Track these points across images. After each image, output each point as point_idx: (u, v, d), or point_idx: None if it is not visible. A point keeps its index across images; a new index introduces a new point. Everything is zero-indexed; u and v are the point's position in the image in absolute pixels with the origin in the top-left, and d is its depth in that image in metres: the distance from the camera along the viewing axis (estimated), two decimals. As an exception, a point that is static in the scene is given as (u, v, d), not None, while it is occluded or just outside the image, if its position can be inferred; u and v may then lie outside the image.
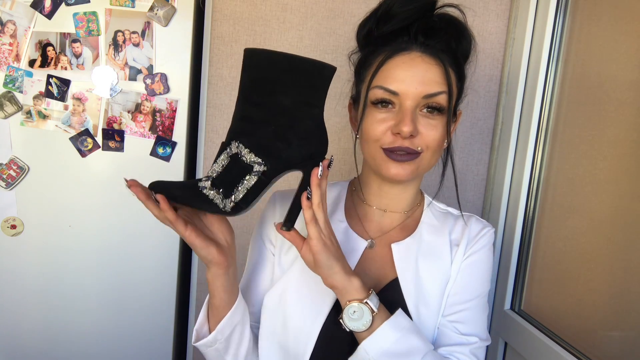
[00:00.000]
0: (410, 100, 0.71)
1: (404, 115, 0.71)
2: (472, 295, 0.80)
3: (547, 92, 1.22)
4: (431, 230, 0.83)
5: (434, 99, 0.72)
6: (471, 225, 0.83)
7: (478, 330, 0.80)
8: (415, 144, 0.72)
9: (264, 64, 0.65)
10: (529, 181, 1.26)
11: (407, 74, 0.72)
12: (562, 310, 1.14)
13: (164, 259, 1.36)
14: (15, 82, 1.26)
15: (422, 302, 0.77)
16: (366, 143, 0.76)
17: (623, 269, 0.97)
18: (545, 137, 1.22)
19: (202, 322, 0.78)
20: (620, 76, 1.01)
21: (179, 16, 1.27)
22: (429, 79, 0.72)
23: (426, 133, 0.72)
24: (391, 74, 0.73)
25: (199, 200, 0.65)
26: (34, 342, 1.36)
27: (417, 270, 0.79)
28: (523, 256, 1.27)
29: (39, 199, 1.31)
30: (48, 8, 1.24)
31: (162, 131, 1.31)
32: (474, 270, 0.80)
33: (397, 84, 0.72)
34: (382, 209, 0.84)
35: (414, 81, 0.71)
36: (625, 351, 0.96)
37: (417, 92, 0.71)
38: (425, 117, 0.73)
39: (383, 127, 0.73)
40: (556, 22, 1.20)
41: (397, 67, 0.73)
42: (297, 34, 1.32)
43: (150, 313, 1.37)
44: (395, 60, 0.73)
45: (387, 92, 0.72)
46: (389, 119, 0.73)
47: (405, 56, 0.73)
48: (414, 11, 0.74)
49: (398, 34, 0.75)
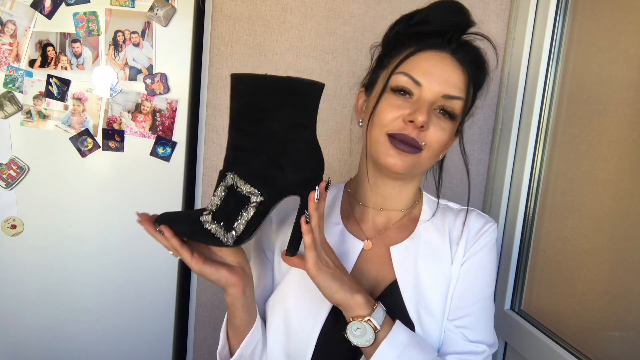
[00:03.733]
0: (431, 95, 0.73)
1: (421, 105, 0.72)
2: (477, 297, 0.78)
3: (547, 92, 1.22)
4: (430, 229, 0.82)
5: (451, 102, 0.73)
6: (471, 221, 0.82)
7: (486, 335, 0.78)
8: (421, 137, 0.73)
9: (250, 90, 0.65)
10: (529, 181, 1.26)
11: (435, 69, 0.73)
12: (562, 310, 1.14)
13: (164, 258, 1.36)
14: (15, 82, 1.26)
15: (423, 306, 0.76)
16: (373, 128, 0.76)
17: (623, 269, 0.97)
18: (545, 137, 1.22)
19: (223, 345, 0.78)
20: (620, 76, 1.01)
21: (179, 16, 1.27)
22: (454, 81, 0.73)
23: (435, 132, 0.73)
24: (420, 64, 0.74)
25: (202, 235, 0.65)
26: (34, 342, 1.35)
27: (416, 273, 0.78)
28: (523, 256, 1.27)
29: (39, 199, 1.31)
30: (48, 8, 1.24)
31: (162, 131, 1.31)
32: (477, 270, 0.79)
33: (423, 76, 0.73)
34: (377, 208, 0.83)
35: (440, 78, 0.73)
36: (625, 351, 0.96)
37: (439, 89, 0.73)
38: (437, 118, 0.74)
39: (396, 113, 0.73)
40: (556, 22, 1.20)
41: (427, 60, 0.74)
42: (297, 34, 1.32)
43: (150, 313, 1.37)
44: (426, 53, 0.74)
45: (410, 80, 0.73)
46: (404, 107, 0.73)
47: (437, 54, 0.74)
48: (452, 24, 0.75)
49: (433, 35, 0.76)
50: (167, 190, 1.33)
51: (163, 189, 1.33)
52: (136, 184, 1.32)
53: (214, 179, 1.36)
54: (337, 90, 1.34)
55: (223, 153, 1.33)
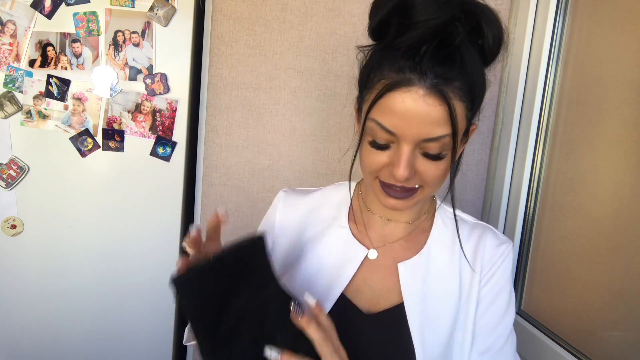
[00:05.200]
0: (407, 144, 0.64)
1: (400, 157, 0.64)
2: (503, 331, 0.75)
3: (547, 92, 1.22)
4: (441, 245, 0.78)
5: (434, 144, 0.64)
6: (487, 242, 0.77)
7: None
8: (411, 183, 0.67)
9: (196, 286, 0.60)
10: (529, 181, 1.26)
11: (405, 115, 0.63)
12: (562, 310, 1.14)
13: (163, 258, 1.36)
14: (15, 82, 1.26)
15: (429, 326, 0.73)
16: (363, 169, 0.72)
17: (623, 269, 0.97)
18: (545, 137, 1.22)
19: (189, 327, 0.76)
20: (620, 76, 1.01)
21: (179, 16, 1.27)
22: (430, 121, 0.63)
23: (426, 172, 0.67)
24: (389, 110, 0.64)
25: None
26: (34, 342, 1.36)
27: (424, 294, 0.75)
28: (523, 256, 1.27)
29: (39, 199, 1.31)
30: (48, 8, 1.24)
31: (162, 131, 1.31)
32: (498, 296, 0.75)
33: (394, 124, 0.64)
34: (386, 218, 0.80)
35: (413, 124, 0.63)
36: (625, 351, 0.96)
37: (416, 135, 0.63)
38: (426, 159, 0.67)
39: (377, 165, 0.68)
40: (556, 22, 1.20)
41: (395, 104, 0.63)
42: (297, 34, 1.32)
43: (150, 313, 1.37)
44: (394, 94, 0.63)
45: (383, 130, 0.65)
46: (385, 156, 0.67)
47: (405, 92, 0.63)
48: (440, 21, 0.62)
49: (407, 55, 0.63)
50: (167, 190, 1.33)
51: (163, 189, 1.33)
52: (136, 184, 1.32)
53: (214, 178, 1.36)
54: (337, 90, 1.34)
55: (223, 153, 1.34)
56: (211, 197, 1.37)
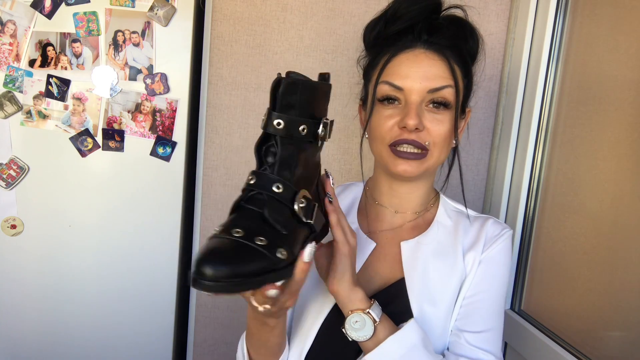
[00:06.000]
0: (415, 95, 0.73)
1: (409, 109, 0.73)
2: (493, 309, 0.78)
3: (547, 92, 1.22)
4: (444, 230, 0.82)
5: (439, 93, 0.73)
6: (488, 227, 0.81)
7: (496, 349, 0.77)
8: (422, 138, 0.73)
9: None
10: (529, 181, 1.26)
11: (411, 70, 0.74)
12: (562, 310, 1.14)
13: (164, 258, 1.36)
14: (15, 82, 1.26)
15: (428, 300, 0.76)
16: (374, 141, 0.78)
17: (623, 269, 0.97)
18: (545, 137, 1.22)
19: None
20: (620, 76, 1.01)
21: (179, 16, 1.27)
22: (433, 74, 0.73)
23: (432, 128, 0.73)
24: (396, 70, 0.75)
25: None
26: (34, 342, 1.36)
27: (425, 268, 0.78)
28: (523, 256, 1.27)
29: (39, 199, 1.31)
30: (48, 8, 1.24)
31: (162, 131, 1.31)
32: (493, 275, 0.78)
33: (402, 80, 0.74)
34: (393, 209, 0.84)
35: (418, 76, 0.73)
36: (625, 351, 0.96)
37: (422, 87, 0.73)
38: (432, 112, 0.74)
39: (390, 122, 0.74)
40: (556, 22, 1.20)
41: (401, 64, 0.75)
42: (297, 34, 1.33)
43: (150, 313, 1.37)
44: (400, 57, 0.75)
45: (392, 88, 0.74)
46: (395, 114, 0.74)
47: (410, 53, 0.75)
48: (419, 11, 0.75)
49: (403, 34, 0.76)
50: (167, 190, 1.33)
51: (163, 189, 1.33)
52: (136, 184, 1.32)
53: (214, 178, 1.36)
54: (337, 90, 1.34)
55: (223, 153, 1.34)
56: (211, 197, 1.37)
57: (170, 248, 1.36)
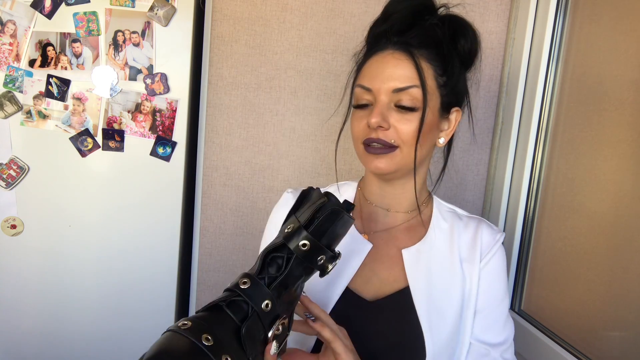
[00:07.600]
0: (382, 95, 0.75)
1: (374, 108, 0.75)
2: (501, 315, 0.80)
3: (547, 92, 1.22)
4: (441, 234, 0.83)
5: (404, 94, 0.74)
6: (482, 233, 0.82)
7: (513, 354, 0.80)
8: (388, 136, 0.74)
9: None
10: (529, 181, 1.26)
11: (377, 70, 0.75)
12: (562, 310, 1.14)
13: (164, 258, 1.36)
14: (15, 82, 1.26)
15: (435, 310, 0.76)
16: (353, 142, 0.81)
17: (623, 269, 0.97)
18: (545, 137, 1.22)
19: None
20: (620, 76, 1.01)
21: (179, 16, 1.27)
22: (399, 74, 0.74)
23: (400, 127, 0.74)
24: (367, 72, 0.77)
25: None
26: (34, 342, 1.36)
27: (429, 278, 0.78)
28: (523, 256, 1.27)
29: (39, 199, 1.31)
30: (48, 8, 1.24)
31: (162, 131, 1.31)
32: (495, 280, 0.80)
33: (371, 81, 0.76)
34: (385, 209, 0.84)
35: (384, 77, 0.74)
36: (625, 351, 0.96)
37: (387, 87, 0.74)
38: (399, 112, 0.75)
39: (362, 123, 0.77)
40: (556, 22, 1.20)
41: (371, 66, 0.77)
42: (297, 34, 1.32)
43: (150, 313, 1.37)
44: (371, 59, 0.78)
45: (363, 89, 0.77)
46: (366, 115, 0.76)
47: (380, 55, 0.77)
48: (406, 12, 0.77)
49: (381, 36, 0.79)
50: (167, 190, 1.33)
51: (163, 189, 1.33)
52: (136, 184, 1.32)
53: (214, 178, 1.36)
54: (337, 90, 1.34)
55: (223, 153, 1.35)
56: (211, 197, 1.37)
57: (170, 248, 1.36)
